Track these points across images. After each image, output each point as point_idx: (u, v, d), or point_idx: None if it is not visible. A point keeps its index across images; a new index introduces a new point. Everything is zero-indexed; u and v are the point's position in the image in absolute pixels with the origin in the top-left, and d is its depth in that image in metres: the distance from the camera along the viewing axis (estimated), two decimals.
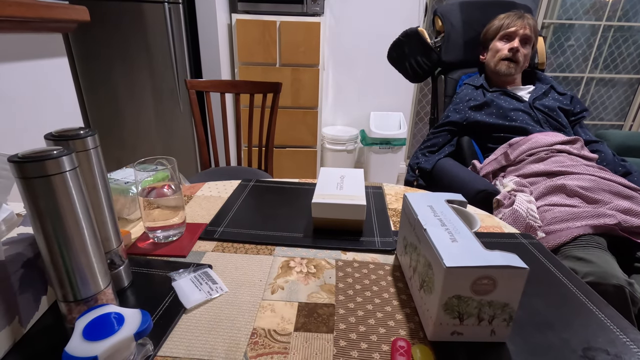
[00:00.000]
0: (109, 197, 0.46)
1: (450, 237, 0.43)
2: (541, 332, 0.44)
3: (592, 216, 0.83)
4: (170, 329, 0.43)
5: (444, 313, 0.40)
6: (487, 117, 1.25)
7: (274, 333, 0.43)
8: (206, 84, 1.42)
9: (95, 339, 0.33)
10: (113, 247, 0.47)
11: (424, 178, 1.30)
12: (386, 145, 2.42)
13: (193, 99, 1.44)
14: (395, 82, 2.50)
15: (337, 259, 0.58)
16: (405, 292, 0.51)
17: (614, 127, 2.83)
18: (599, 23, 2.50)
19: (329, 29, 2.40)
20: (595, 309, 0.48)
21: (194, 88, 1.42)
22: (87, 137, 0.41)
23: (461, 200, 0.57)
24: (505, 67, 1.29)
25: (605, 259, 0.74)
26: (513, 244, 0.63)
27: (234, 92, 1.45)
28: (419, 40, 1.43)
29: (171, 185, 0.60)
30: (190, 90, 1.42)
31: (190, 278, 0.51)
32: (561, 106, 1.25)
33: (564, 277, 0.54)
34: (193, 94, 1.43)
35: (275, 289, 0.51)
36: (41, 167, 0.33)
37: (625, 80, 2.68)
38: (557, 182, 0.95)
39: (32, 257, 0.41)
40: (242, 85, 1.46)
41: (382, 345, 0.42)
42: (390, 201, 0.79)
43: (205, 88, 1.42)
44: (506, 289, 0.39)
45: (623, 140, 1.89)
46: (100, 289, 0.41)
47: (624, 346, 0.42)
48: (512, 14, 1.31)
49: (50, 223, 0.35)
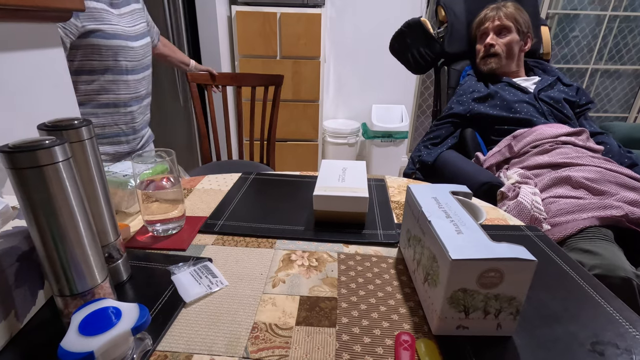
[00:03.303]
0: (105, 189, 0.45)
1: (455, 229, 0.42)
2: (548, 325, 0.43)
3: (599, 208, 0.82)
4: (170, 323, 0.42)
5: (449, 307, 0.39)
6: (491, 109, 1.23)
7: (275, 327, 0.42)
8: (207, 76, 1.40)
9: (92, 334, 0.32)
10: (110, 241, 0.46)
11: (427, 171, 1.29)
12: (388, 139, 2.41)
13: (194, 92, 1.42)
14: (397, 74, 2.47)
15: (339, 252, 0.57)
16: (409, 285, 0.50)
17: (618, 119, 2.80)
18: (604, 13, 2.45)
19: (329, 20, 2.37)
20: (603, 301, 0.47)
21: (195, 81, 1.40)
22: (81, 127, 0.40)
23: (466, 192, 0.56)
24: (484, 65, 1.31)
25: (612, 251, 0.73)
26: (518, 236, 0.62)
27: (235, 85, 1.43)
28: (422, 30, 1.41)
29: (170, 178, 0.59)
30: (191, 84, 1.40)
31: (190, 272, 0.51)
32: (566, 98, 1.23)
33: (570, 270, 0.53)
34: (194, 87, 1.42)
35: (276, 283, 0.50)
36: (32, 157, 0.32)
37: (630, 72, 2.64)
38: (562, 173, 0.93)
39: (27, 250, 0.40)
40: (243, 78, 1.43)
41: (386, 340, 0.41)
42: (393, 194, 0.78)
43: (206, 81, 1.41)
44: (513, 282, 0.38)
45: (628, 132, 1.87)
46: (97, 283, 0.40)
47: (634, 340, 0.41)
48: (488, 9, 1.31)
49: (44, 215, 0.34)
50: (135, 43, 1.06)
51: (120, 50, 1.02)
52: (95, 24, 0.95)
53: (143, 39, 1.11)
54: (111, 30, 0.98)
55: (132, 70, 1.08)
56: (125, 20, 1.05)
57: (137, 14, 1.10)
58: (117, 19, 1.01)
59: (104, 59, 1.00)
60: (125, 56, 1.04)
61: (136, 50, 1.07)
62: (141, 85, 1.14)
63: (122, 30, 1.02)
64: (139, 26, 1.10)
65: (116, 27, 1.00)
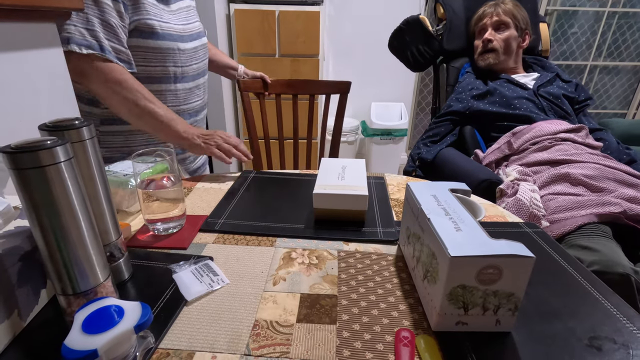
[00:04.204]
0: (106, 188, 0.45)
1: (454, 226, 0.42)
2: (547, 321, 0.43)
3: (597, 204, 0.83)
4: (172, 321, 0.43)
5: (448, 303, 0.40)
6: (490, 106, 1.23)
7: (276, 324, 0.43)
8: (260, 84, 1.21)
9: (95, 332, 0.32)
10: (112, 240, 0.46)
11: (426, 168, 1.29)
12: (387, 136, 2.41)
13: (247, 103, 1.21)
14: (396, 72, 2.46)
15: (339, 250, 0.58)
16: (409, 282, 0.50)
17: (617, 115, 2.80)
18: (603, 9, 2.45)
19: (328, 18, 2.36)
20: (601, 297, 0.47)
21: (248, 90, 1.20)
22: (82, 127, 0.40)
23: (465, 189, 0.56)
24: (482, 61, 1.31)
25: (611, 247, 0.73)
26: (517, 233, 0.62)
27: (291, 93, 1.25)
28: (421, 28, 1.41)
29: (170, 177, 0.59)
30: (243, 93, 1.19)
31: (191, 270, 0.51)
32: (566, 94, 1.24)
33: (569, 266, 0.53)
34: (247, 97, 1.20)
35: (277, 281, 0.50)
36: (35, 157, 0.32)
37: (629, 68, 2.64)
38: (561, 170, 0.94)
39: (30, 250, 0.41)
40: (299, 85, 1.24)
41: (386, 336, 0.41)
42: (392, 191, 0.78)
43: (259, 90, 1.22)
44: (512, 279, 0.38)
45: (626, 128, 1.87)
46: (100, 282, 0.40)
47: (631, 335, 0.41)
48: (487, 5, 1.32)
49: (46, 215, 0.34)
50: (187, 44, 0.88)
51: (170, 54, 0.85)
52: (145, 18, 0.78)
53: (198, 40, 0.92)
54: (161, 29, 0.81)
55: (182, 78, 0.89)
56: (178, 18, 0.87)
57: (191, 11, 0.93)
58: (169, 16, 0.84)
59: (149, 63, 0.83)
60: (175, 61, 0.86)
61: (188, 54, 0.89)
62: (194, 96, 0.94)
63: (174, 30, 0.84)
64: (193, 24, 0.92)
65: (167, 26, 0.83)
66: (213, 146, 0.82)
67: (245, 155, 0.85)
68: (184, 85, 0.90)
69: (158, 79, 0.85)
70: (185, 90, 0.91)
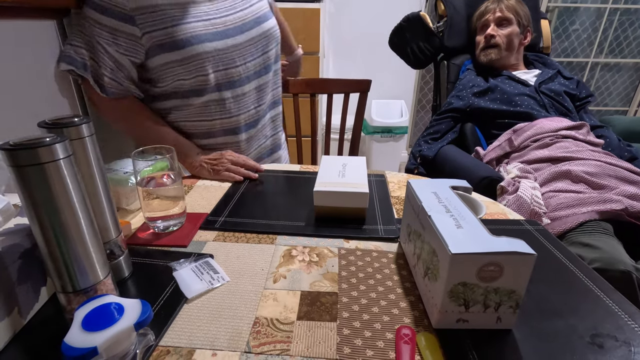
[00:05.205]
0: (106, 186, 0.45)
1: (455, 223, 0.42)
2: (548, 318, 0.43)
3: (598, 202, 0.82)
4: (172, 319, 0.43)
5: (449, 300, 0.39)
6: (491, 103, 1.23)
7: (277, 322, 0.43)
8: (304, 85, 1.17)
9: (95, 330, 0.32)
10: (112, 237, 0.46)
11: (427, 166, 1.29)
12: (388, 134, 2.40)
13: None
14: (396, 69, 2.46)
15: (340, 247, 0.57)
16: (409, 279, 0.50)
17: (618, 112, 2.79)
18: (604, 6, 2.44)
19: (328, 15, 2.36)
20: (603, 294, 0.47)
21: (293, 91, 1.20)
22: (81, 125, 0.40)
23: (466, 187, 0.56)
24: (484, 57, 1.31)
25: (612, 244, 0.73)
26: (518, 231, 0.62)
27: (326, 92, 1.26)
28: (421, 25, 1.40)
29: (170, 175, 0.59)
30: None
31: (191, 268, 0.51)
32: (567, 90, 1.23)
33: (570, 263, 0.53)
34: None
35: (277, 278, 0.50)
36: (34, 154, 0.32)
37: (630, 65, 2.63)
38: (562, 168, 0.94)
39: (29, 247, 0.41)
40: (333, 85, 1.25)
41: (387, 333, 0.41)
42: (393, 189, 0.78)
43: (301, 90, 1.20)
44: (513, 276, 0.38)
45: (628, 125, 1.87)
46: (100, 280, 0.40)
47: (633, 332, 0.41)
48: (489, 1, 1.31)
49: (46, 213, 0.34)
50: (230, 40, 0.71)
51: (204, 59, 0.69)
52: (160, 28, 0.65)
53: (255, 29, 0.74)
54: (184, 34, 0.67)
55: (230, 83, 0.74)
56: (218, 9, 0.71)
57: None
58: (201, 10, 0.69)
59: (178, 77, 0.70)
60: (215, 65, 0.71)
61: (236, 51, 0.72)
62: (253, 99, 0.78)
63: (210, 26, 0.69)
64: (243, 12, 0.74)
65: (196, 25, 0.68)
66: (222, 170, 0.77)
67: (256, 169, 0.79)
68: (235, 92, 0.75)
69: (196, 91, 0.72)
70: (236, 98, 0.75)
